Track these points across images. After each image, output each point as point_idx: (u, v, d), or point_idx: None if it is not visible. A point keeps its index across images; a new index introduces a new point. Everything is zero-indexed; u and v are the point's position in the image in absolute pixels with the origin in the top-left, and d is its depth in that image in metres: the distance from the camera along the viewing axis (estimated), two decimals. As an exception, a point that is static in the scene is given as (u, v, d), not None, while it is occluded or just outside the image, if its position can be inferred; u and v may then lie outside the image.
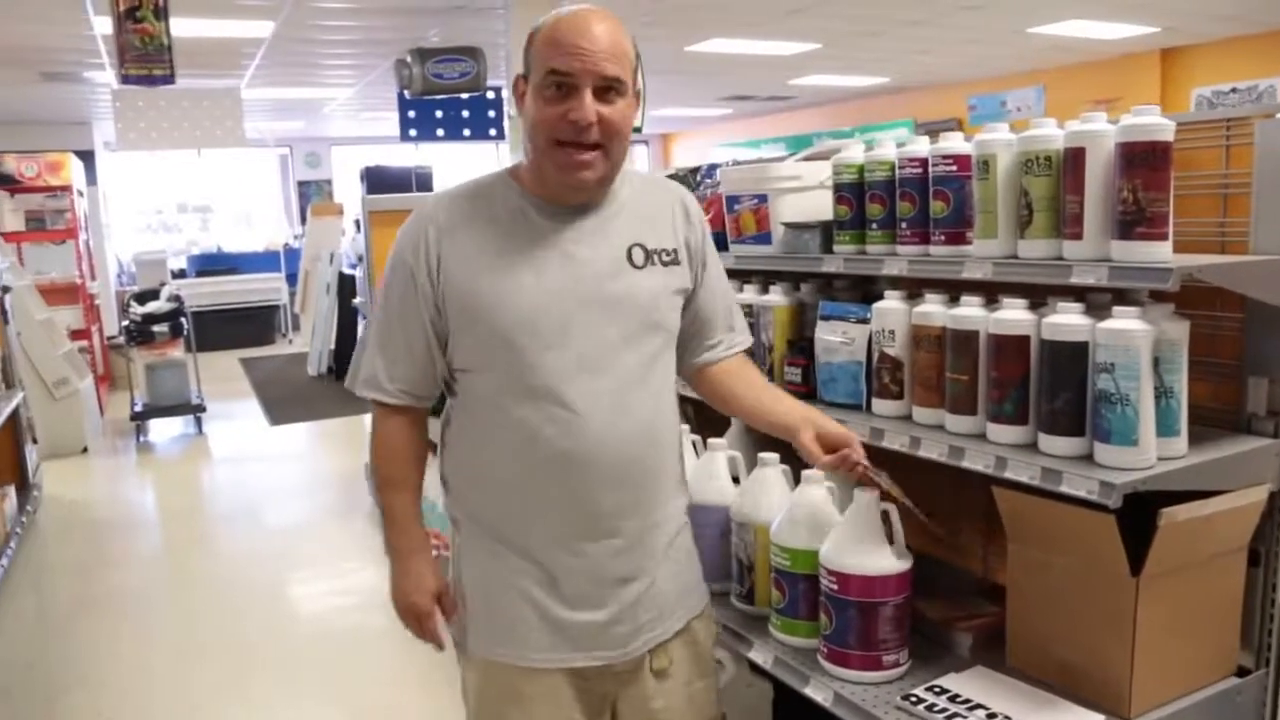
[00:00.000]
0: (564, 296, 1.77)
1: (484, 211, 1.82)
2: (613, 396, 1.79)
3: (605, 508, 1.79)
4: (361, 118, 14.37)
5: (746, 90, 13.11)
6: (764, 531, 2.37)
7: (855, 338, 2.42)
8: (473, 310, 1.77)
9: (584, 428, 1.76)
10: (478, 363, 1.81)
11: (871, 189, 2.46)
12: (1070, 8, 8.21)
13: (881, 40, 9.46)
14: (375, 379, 1.86)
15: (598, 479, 1.78)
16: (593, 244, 1.82)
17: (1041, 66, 11.39)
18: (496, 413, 1.80)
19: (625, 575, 1.85)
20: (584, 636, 1.83)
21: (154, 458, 8.08)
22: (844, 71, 11.53)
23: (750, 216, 2.84)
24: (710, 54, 9.73)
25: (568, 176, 1.74)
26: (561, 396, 1.76)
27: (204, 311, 12.12)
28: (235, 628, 4.61)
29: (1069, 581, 2.03)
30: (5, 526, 5.42)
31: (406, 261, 1.81)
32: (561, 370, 1.76)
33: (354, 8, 7.55)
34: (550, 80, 1.68)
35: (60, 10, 7.08)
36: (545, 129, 1.71)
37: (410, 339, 1.83)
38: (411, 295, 1.81)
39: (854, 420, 2.34)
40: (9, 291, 6.48)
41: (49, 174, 9.70)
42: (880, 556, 2.10)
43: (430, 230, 1.80)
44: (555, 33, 1.69)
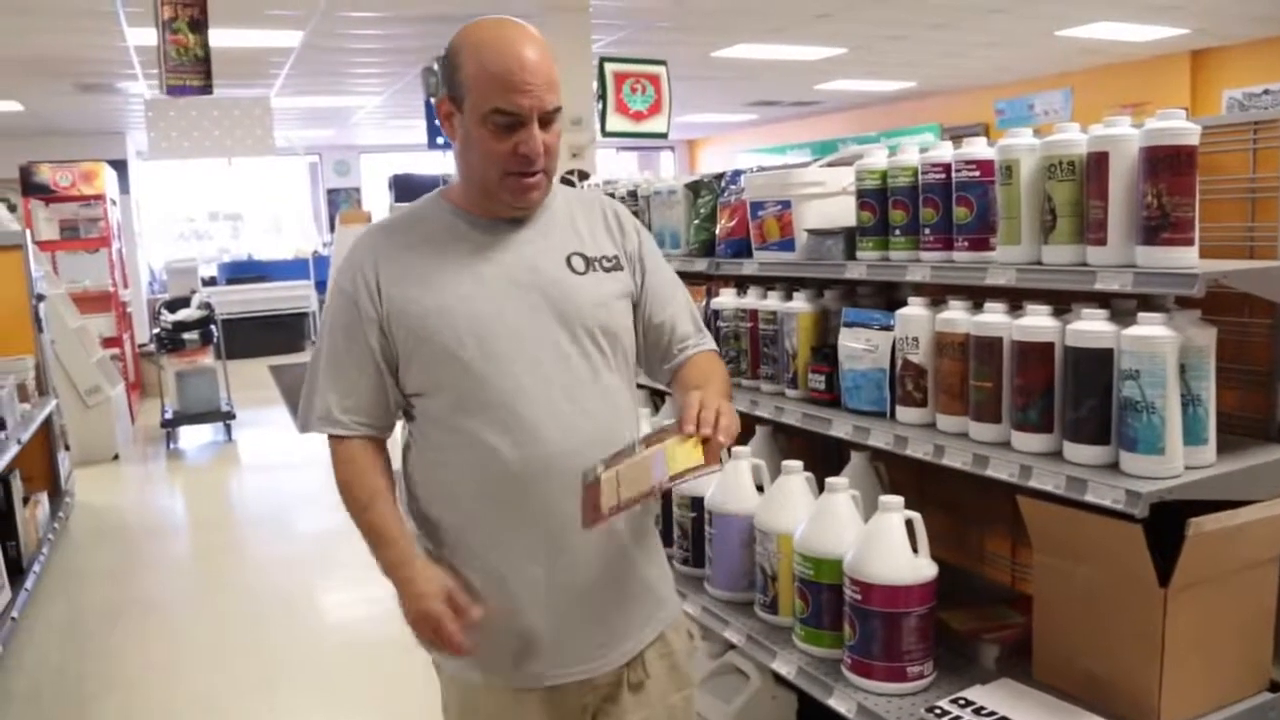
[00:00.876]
0: (510, 304, 1.76)
1: (417, 233, 1.82)
2: (567, 404, 1.76)
3: (568, 518, 1.71)
4: (390, 125, 14.46)
5: (772, 95, 13.09)
6: (787, 541, 2.36)
7: (879, 345, 2.40)
8: (419, 329, 1.75)
9: (540, 438, 1.73)
10: (429, 383, 1.79)
11: (895, 195, 2.44)
12: (1099, 9, 8.14)
13: (907, 44, 9.41)
14: (329, 414, 1.81)
15: (559, 489, 1.73)
16: (532, 253, 1.81)
17: (1069, 69, 11.30)
18: (451, 433, 1.78)
19: (593, 586, 1.80)
20: (557, 652, 1.80)
21: (184, 465, 8.14)
22: (870, 76, 11.49)
23: (774, 223, 2.82)
24: (737, 59, 9.72)
25: (518, 200, 1.77)
26: (514, 407, 1.73)
27: (234, 319, 12.20)
28: (264, 634, 4.64)
29: (1096, 592, 2.00)
30: (38, 533, 5.48)
31: (346, 291, 1.79)
32: (513, 380, 1.74)
33: (380, 17, 7.60)
34: (498, 118, 1.68)
35: (95, 22, 7.18)
36: (496, 162, 1.71)
37: (361, 369, 1.80)
38: (356, 325, 1.79)
39: (878, 428, 2.33)
40: (43, 300, 6.55)
41: (83, 183, 9.80)
42: (905, 566, 2.08)
43: (366, 258, 1.79)
44: (495, 66, 1.67)
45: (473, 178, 1.78)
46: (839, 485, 2.29)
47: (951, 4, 7.73)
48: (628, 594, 1.86)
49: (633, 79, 7.25)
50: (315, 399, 1.83)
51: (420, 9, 7.31)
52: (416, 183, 13.13)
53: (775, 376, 2.74)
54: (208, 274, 13.88)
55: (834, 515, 2.27)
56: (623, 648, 1.85)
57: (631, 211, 3.35)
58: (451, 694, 1.92)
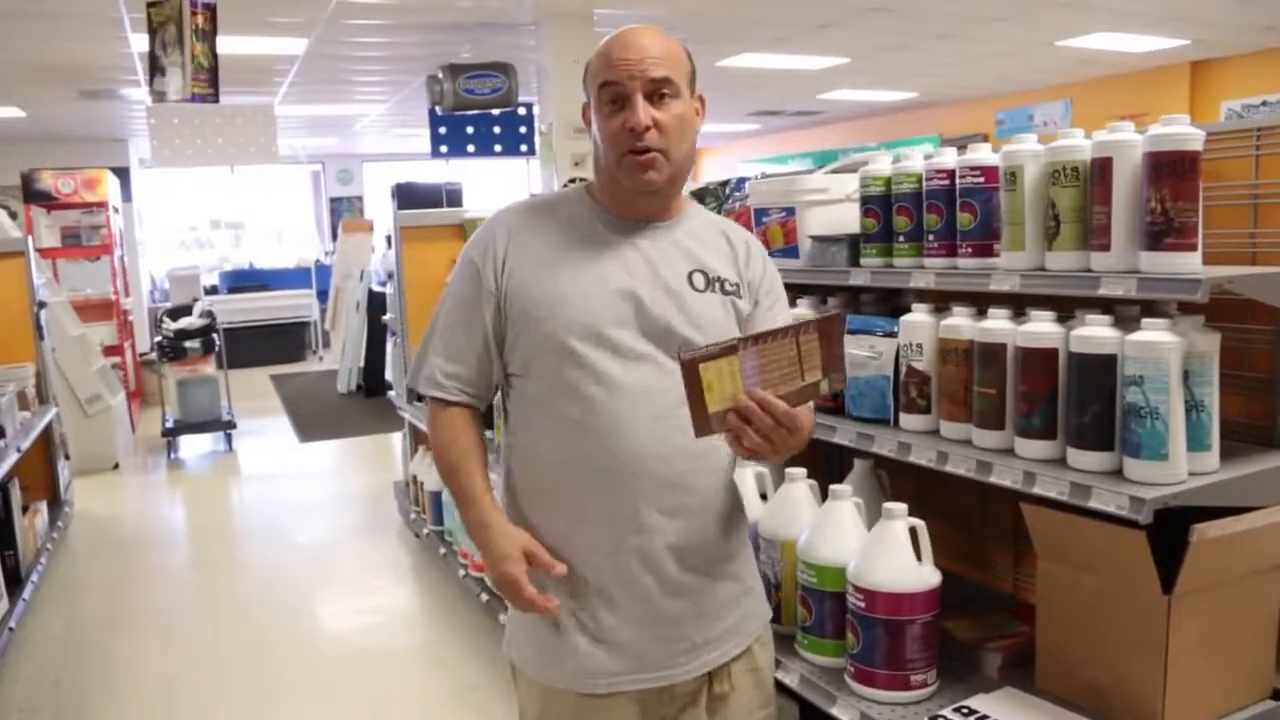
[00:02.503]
0: (625, 307, 1.77)
1: (555, 219, 1.86)
2: (664, 411, 1.74)
3: (655, 520, 1.74)
4: (393, 134, 14.47)
5: (775, 105, 13.10)
6: (791, 548, 2.35)
7: (883, 352, 2.40)
8: (531, 312, 1.78)
9: (633, 440, 1.73)
10: (532, 367, 1.81)
11: (899, 201, 2.44)
12: (1100, 19, 8.15)
13: (910, 54, 9.42)
14: (434, 377, 1.86)
15: (648, 490, 1.74)
16: (657, 260, 1.82)
17: (1069, 80, 11.31)
18: (547, 419, 1.79)
19: (679, 592, 1.78)
20: (638, 657, 1.78)
21: (184, 474, 8.13)
22: (872, 86, 11.50)
23: (778, 229, 2.82)
24: (740, 68, 9.72)
25: (636, 181, 1.77)
26: (612, 406, 1.73)
27: (236, 328, 12.19)
28: (264, 646, 4.62)
29: (1099, 600, 1.99)
30: (37, 542, 5.46)
31: (473, 261, 1.85)
32: (614, 380, 1.74)
33: (386, 24, 7.61)
34: (605, 94, 1.74)
35: (100, 28, 7.19)
36: (610, 143, 1.76)
37: (470, 338, 1.84)
38: (475, 295, 1.83)
39: (881, 436, 2.32)
40: (44, 307, 6.54)
41: (85, 190, 9.79)
42: (908, 573, 2.08)
43: (499, 232, 1.84)
44: (604, 48, 1.77)
45: (605, 168, 1.81)
46: (842, 493, 2.28)
47: (954, 13, 7.74)
48: (715, 602, 1.83)
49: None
50: (424, 361, 1.88)
51: (425, 16, 7.32)
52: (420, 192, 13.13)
53: (778, 384, 2.73)
54: (209, 282, 13.88)
55: (837, 523, 2.26)
56: (705, 657, 1.82)
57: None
58: (530, 698, 1.88)
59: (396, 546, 5.87)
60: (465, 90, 8.34)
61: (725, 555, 1.85)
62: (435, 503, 5.14)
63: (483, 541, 1.80)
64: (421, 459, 5.48)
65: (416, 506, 5.55)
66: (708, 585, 1.81)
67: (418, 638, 4.60)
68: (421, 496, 5.39)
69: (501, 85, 8.37)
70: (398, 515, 6.24)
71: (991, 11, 7.74)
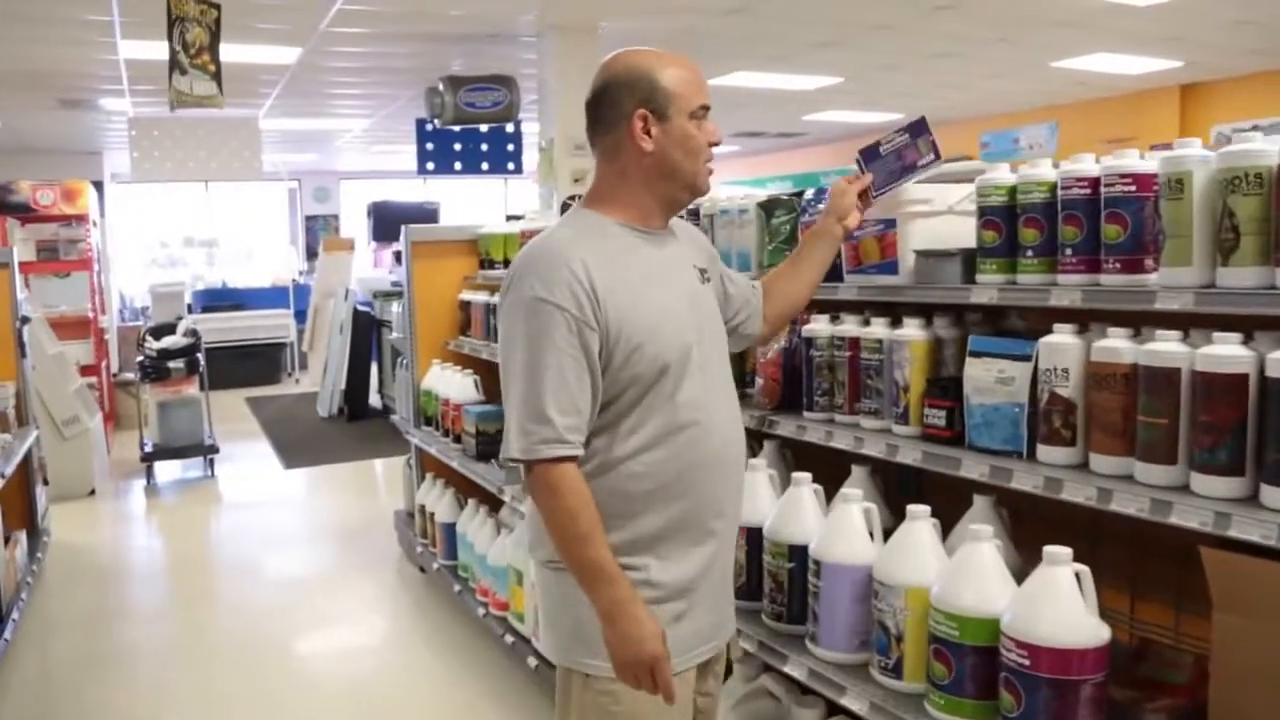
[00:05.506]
0: (689, 312, 1.96)
1: (609, 245, 1.92)
2: (726, 402, 2.01)
3: (727, 509, 1.99)
4: (373, 151, 14.22)
5: (758, 126, 12.94)
6: (919, 595, 2.11)
7: (1015, 376, 2.17)
8: (638, 343, 1.84)
9: (717, 430, 1.93)
10: (633, 386, 1.87)
11: (1025, 212, 2.22)
12: (1100, 41, 8.06)
13: (904, 74, 9.30)
14: (560, 436, 1.80)
15: (725, 477, 1.96)
16: (681, 264, 2.02)
17: (1055, 102, 11.25)
18: (646, 437, 1.88)
19: (726, 568, 2.04)
20: (703, 632, 1.98)
21: (163, 502, 7.74)
22: (861, 107, 11.38)
23: (873, 244, 2.59)
24: (729, 88, 9.54)
25: (705, 187, 2.01)
26: (702, 405, 1.92)
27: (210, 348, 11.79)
28: (251, 685, 4.29)
29: (1297, 658, 1.76)
30: (17, 575, 5.08)
31: (564, 307, 1.80)
32: (700, 381, 1.92)
33: (382, 33, 7.37)
34: (702, 113, 1.95)
35: (88, 32, 6.88)
36: (702, 152, 1.97)
37: (581, 382, 1.82)
38: (574, 342, 1.81)
39: (1020, 470, 2.09)
40: (27, 323, 6.17)
41: (65, 202, 9.36)
42: (1078, 626, 1.84)
43: (577, 269, 1.83)
44: (689, 73, 1.95)
45: (661, 179, 1.94)
46: (981, 534, 2.04)
47: (958, 34, 7.62)
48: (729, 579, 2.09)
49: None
50: (532, 424, 1.81)
51: (423, 25, 7.09)
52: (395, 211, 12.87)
53: (879, 411, 2.49)
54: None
55: (979, 569, 2.01)
56: (730, 628, 2.13)
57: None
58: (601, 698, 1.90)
59: (395, 581, 5.54)
60: (466, 103, 8.10)
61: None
62: (448, 535, 4.84)
63: (628, 618, 1.80)
64: (430, 487, 5.17)
65: (424, 539, 5.23)
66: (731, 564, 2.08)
67: (426, 682, 4.27)
68: (431, 528, 5.08)
69: (503, 99, 8.14)
70: (396, 546, 5.91)
71: (996, 32, 7.63)
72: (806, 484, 2.51)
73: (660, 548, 1.89)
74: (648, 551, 1.89)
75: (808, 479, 2.53)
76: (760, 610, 2.61)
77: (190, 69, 5.39)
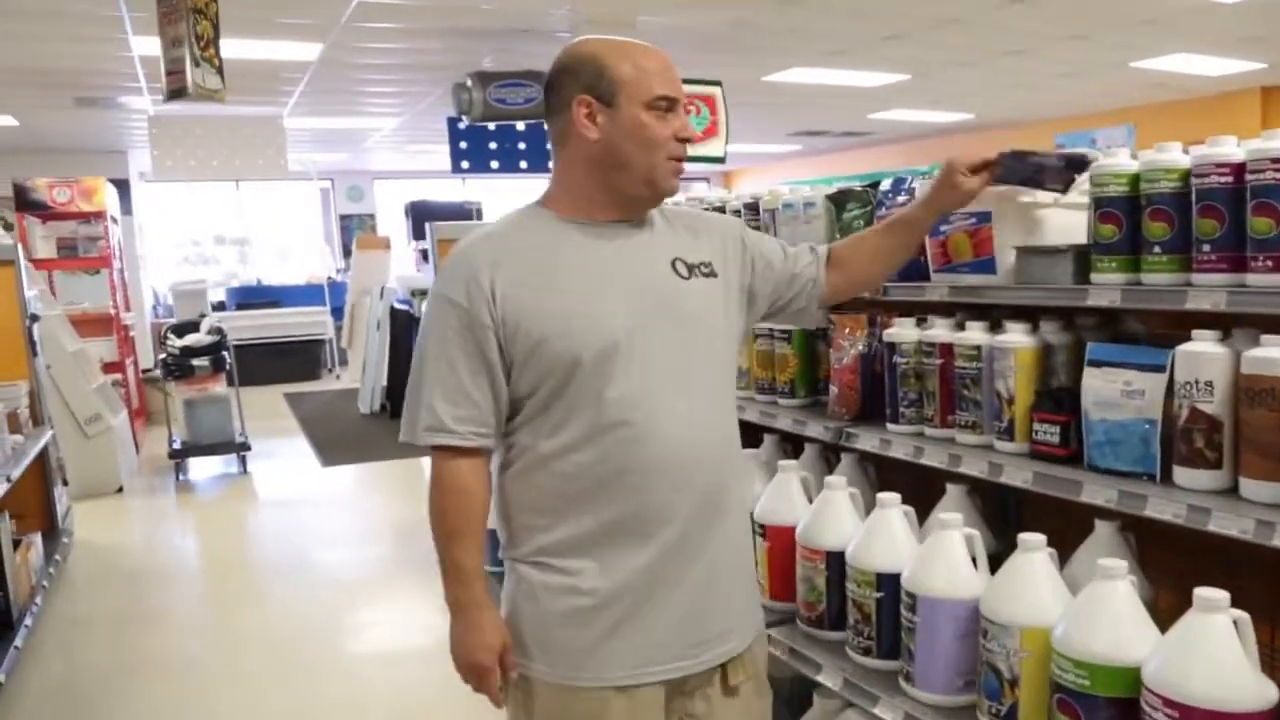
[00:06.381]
0: (626, 307, 1.81)
1: (526, 239, 1.85)
2: (682, 404, 1.83)
3: (680, 515, 1.82)
4: (407, 150, 14.01)
5: (821, 125, 12.60)
6: (1037, 636, 1.85)
7: (1145, 389, 1.90)
8: (538, 333, 1.77)
9: (657, 436, 1.79)
10: (545, 387, 1.80)
11: (1152, 203, 1.96)
12: (1181, 41, 7.72)
13: (974, 72, 8.97)
14: (441, 423, 1.80)
15: (669, 486, 1.81)
16: (642, 258, 1.88)
17: (1132, 104, 10.87)
18: (571, 436, 1.80)
19: (696, 586, 1.85)
20: (662, 647, 1.84)
21: (194, 499, 7.57)
22: (928, 106, 11.04)
23: (964, 239, 2.33)
24: (789, 84, 9.24)
25: (670, 185, 1.87)
26: (634, 407, 1.78)
27: (244, 345, 11.65)
28: (290, 694, 4.08)
29: None
30: (31, 579, 4.89)
31: (457, 303, 1.79)
32: (632, 382, 1.79)
33: (407, 28, 7.14)
34: (662, 104, 1.81)
35: (97, 29, 6.68)
36: (663, 146, 1.82)
37: (475, 377, 1.79)
38: (468, 334, 1.79)
39: (1157, 495, 1.82)
40: (37, 321, 6.00)
41: (82, 200, 9.18)
42: (1239, 683, 1.57)
43: (479, 265, 1.80)
44: (650, 60, 1.83)
45: (614, 172, 1.82)
46: (1114, 570, 1.77)
47: (1030, 29, 7.30)
48: (724, 596, 1.90)
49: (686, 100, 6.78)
50: (421, 410, 1.82)
51: (450, 20, 6.85)
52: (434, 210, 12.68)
53: (977, 425, 2.23)
54: (216, 299, 13.36)
55: (1112, 610, 1.75)
56: (722, 648, 1.90)
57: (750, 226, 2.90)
58: (538, 701, 1.88)
59: (434, 579, 5.29)
60: (496, 100, 7.84)
61: (737, 548, 1.95)
62: (492, 539, 4.60)
63: (469, 623, 1.86)
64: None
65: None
66: (721, 579, 1.89)
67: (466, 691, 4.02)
68: (471, 533, 4.86)
69: (535, 95, 7.87)
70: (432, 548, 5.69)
71: (1072, 29, 7.31)
72: (896, 505, 2.25)
73: (594, 552, 1.82)
74: (578, 555, 1.83)
75: (896, 500, 2.27)
76: (844, 642, 2.36)
77: (200, 61, 5.21)
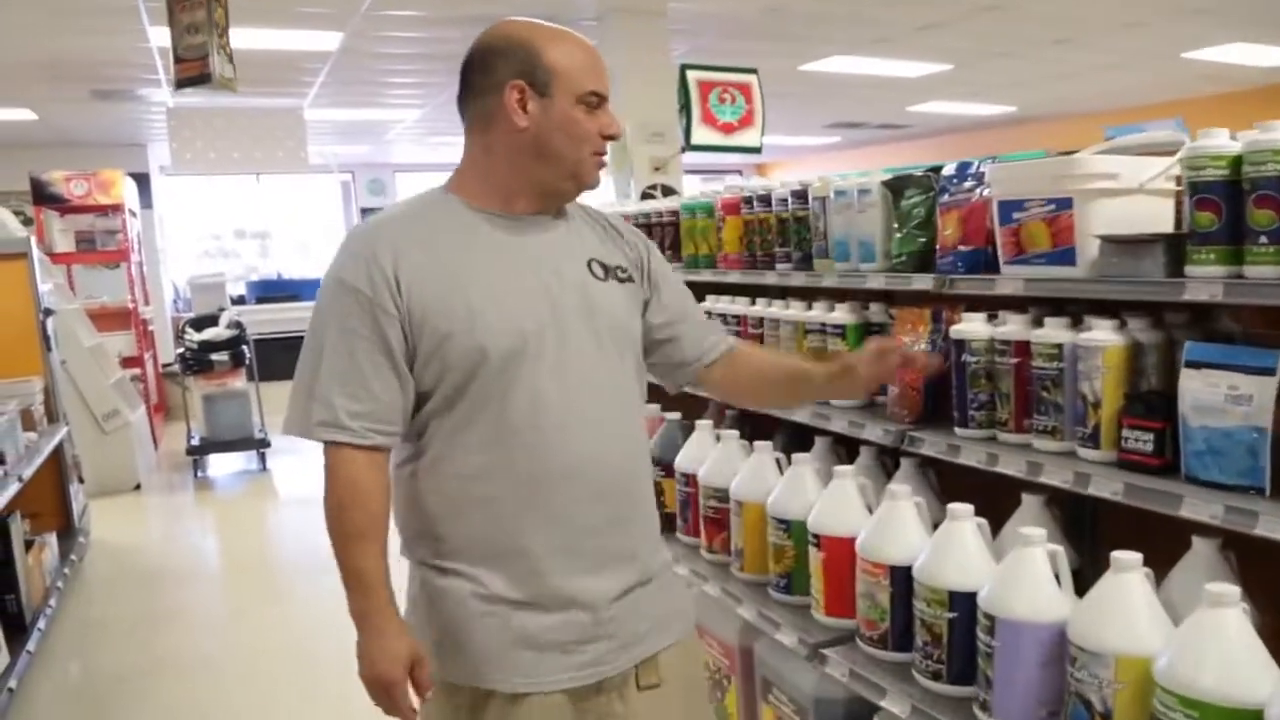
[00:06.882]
0: (538, 305, 1.76)
1: (432, 227, 1.78)
2: (593, 408, 1.78)
3: (590, 521, 1.78)
4: (428, 143, 13.88)
5: (859, 117, 12.37)
6: (1134, 666, 1.67)
7: (1252, 394, 1.72)
8: (444, 328, 1.70)
9: (567, 440, 1.75)
10: (451, 385, 1.72)
11: (1257, 189, 1.77)
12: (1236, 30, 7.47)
13: (1017, 62, 8.75)
14: (336, 420, 1.70)
15: (581, 491, 1.76)
16: (556, 256, 1.83)
17: (1180, 97, 10.60)
18: (473, 436, 1.74)
19: (614, 587, 1.81)
20: (575, 652, 1.78)
21: (214, 496, 7.45)
22: (970, 98, 10.82)
23: (1041, 228, 2.15)
24: (827, 74, 9.03)
25: (593, 180, 1.84)
26: (543, 409, 1.73)
27: (265, 339, 11.54)
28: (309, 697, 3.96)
29: None
30: (45, 581, 4.77)
31: (357, 289, 1.69)
32: (542, 382, 1.74)
33: (428, 16, 7.00)
34: (592, 99, 1.78)
35: (114, 20, 6.55)
36: (589, 141, 1.79)
37: (377, 370, 1.70)
38: (369, 325, 1.69)
39: (1262, 512, 1.64)
40: (52, 315, 5.87)
41: (99, 192, 9.08)
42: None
43: (381, 251, 1.71)
44: (582, 53, 1.78)
45: (546, 161, 1.78)
46: (1226, 597, 1.59)
47: (1079, 17, 7.08)
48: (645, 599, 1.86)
49: (720, 88, 6.57)
50: (314, 404, 1.71)
51: (472, 8, 6.68)
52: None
53: (1057, 431, 2.05)
54: (235, 292, 13.24)
55: (1221, 642, 1.57)
56: (640, 649, 1.84)
57: (798, 216, 2.70)
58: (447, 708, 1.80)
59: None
60: (518, 87, 7.70)
61: (654, 552, 1.91)
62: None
63: (375, 630, 1.74)
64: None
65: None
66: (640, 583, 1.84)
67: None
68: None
69: (562, 84, 7.73)
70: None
71: (1125, 16, 7.07)
72: (969, 518, 2.07)
73: (500, 560, 1.76)
74: (483, 563, 1.77)
75: (969, 511, 2.09)
76: (909, 664, 2.18)
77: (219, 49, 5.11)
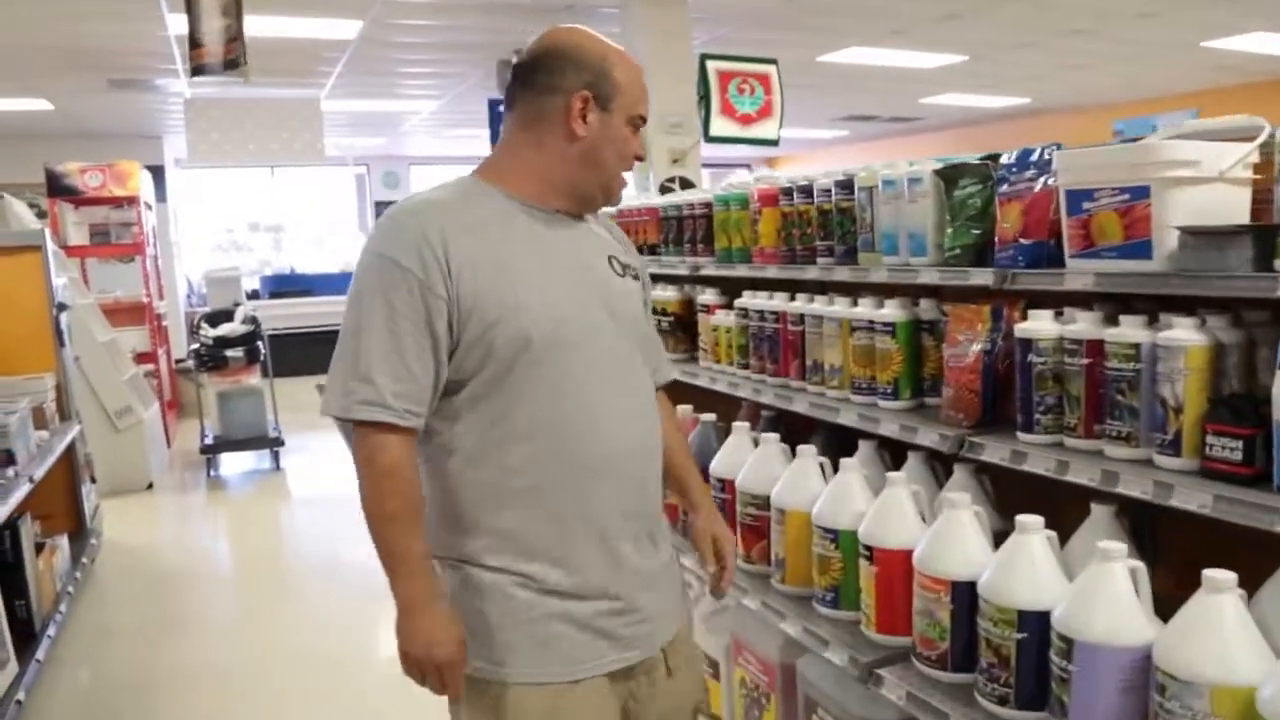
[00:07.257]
0: (576, 296, 1.78)
1: (476, 215, 1.77)
2: (624, 399, 1.83)
3: (623, 511, 1.82)
4: (444, 135, 13.75)
5: (871, 109, 12.23)
6: (1233, 696, 1.52)
7: (1361, 399, 1.58)
8: (493, 316, 1.69)
9: (602, 432, 1.77)
10: (491, 372, 1.72)
11: (1360, 173, 1.63)
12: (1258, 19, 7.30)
13: (1034, 53, 8.62)
14: (381, 399, 1.67)
15: (615, 483, 1.79)
16: (586, 251, 1.87)
17: (1195, 89, 10.43)
18: (518, 426, 1.74)
19: (643, 574, 1.86)
20: (615, 636, 1.82)
21: (227, 496, 7.35)
22: (984, 90, 10.68)
23: (1114, 219, 2.00)
24: (843, 65, 8.91)
25: (619, 197, 1.92)
26: (581, 400, 1.76)
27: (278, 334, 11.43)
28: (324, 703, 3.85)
29: None
30: (55, 585, 4.64)
31: (407, 269, 1.67)
32: (581, 373, 1.76)
33: (448, 3, 6.88)
34: (639, 122, 1.86)
35: (133, 6, 6.44)
36: (620, 160, 1.85)
37: (418, 353, 1.68)
38: (417, 306, 1.67)
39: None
40: (65, 310, 5.74)
41: (115, 184, 8.93)
42: None
43: (431, 236, 1.69)
44: (637, 78, 1.85)
45: (579, 169, 1.82)
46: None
47: (1098, 7, 6.93)
48: (663, 582, 1.93)
49: (740, 78, 6.44)
50: (354, 382, 1.68)
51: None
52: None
53: (1132, 437, 1.90)
54: (249, 287, 13.14)
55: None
56: (665, 633, 1.92)
57: (841, 207, 2.58)
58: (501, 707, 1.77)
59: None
60: (541, 78, 7.58)
61: (666, 541, 1.98)
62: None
63: (426, 613, 1.72)
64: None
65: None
66: (660, 569, 1.91)
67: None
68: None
69: (582, 75, 7.61)
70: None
71: (1143, 6, 6.92)
72: (1038, 531, 1.93)
73: (543, 550, 1.76)
74: (526, 554, 1.76)
75: (1039, 524, 1.94)
76: (971, 685, 2.03)
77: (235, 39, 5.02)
